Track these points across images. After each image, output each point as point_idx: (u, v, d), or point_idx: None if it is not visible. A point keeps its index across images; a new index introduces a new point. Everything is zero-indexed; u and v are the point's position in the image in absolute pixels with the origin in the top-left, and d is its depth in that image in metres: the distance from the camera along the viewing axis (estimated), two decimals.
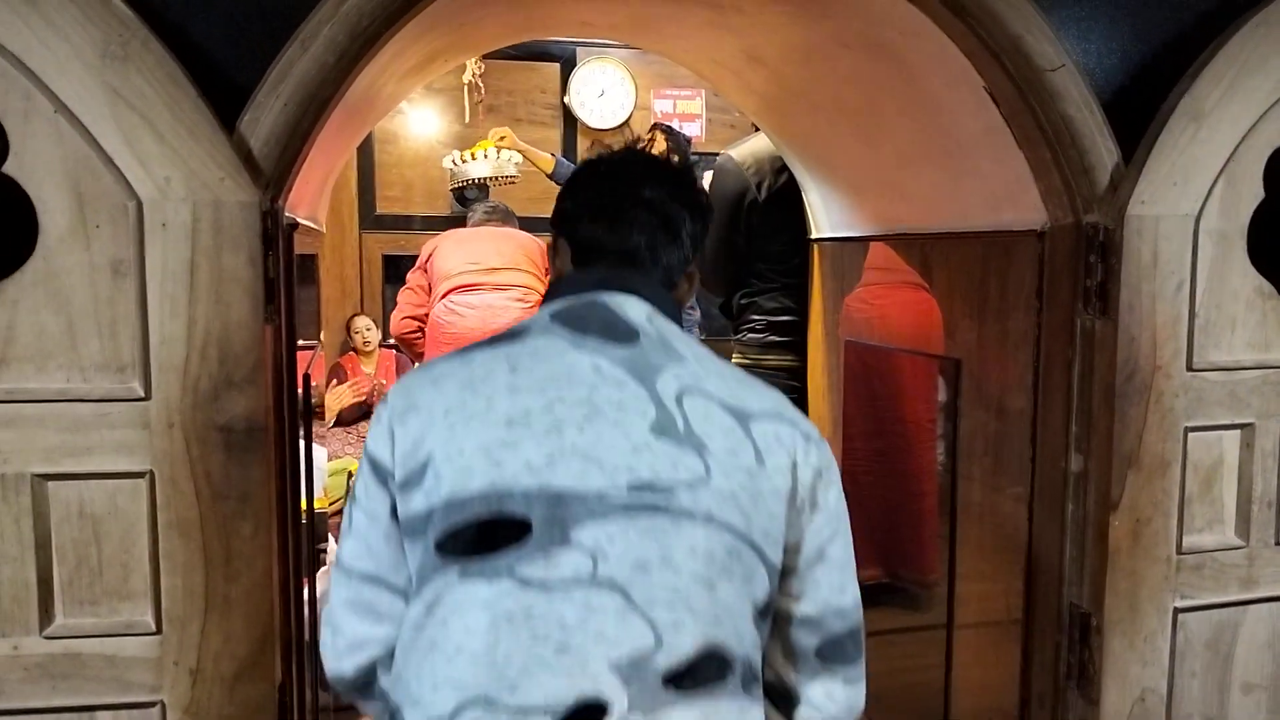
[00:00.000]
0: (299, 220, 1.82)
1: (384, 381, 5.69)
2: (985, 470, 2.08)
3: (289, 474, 1.67)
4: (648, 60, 6.14)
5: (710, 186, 3.05)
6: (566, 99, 6.17)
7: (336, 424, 5.37)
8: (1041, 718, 1.89)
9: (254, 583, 1.52)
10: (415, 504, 1.16)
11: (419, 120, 6.07)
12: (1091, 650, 1.78)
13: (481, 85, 5.84)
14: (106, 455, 1.47)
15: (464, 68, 5.68)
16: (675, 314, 1.30)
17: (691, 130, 6.02)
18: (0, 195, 1.44)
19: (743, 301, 3.05)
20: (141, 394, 1.46)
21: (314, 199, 2.27)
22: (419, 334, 4.40)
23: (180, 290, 1.46)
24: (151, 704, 1.51)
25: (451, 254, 4.27)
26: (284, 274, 1.61)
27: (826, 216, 2.69)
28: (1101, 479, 1.74)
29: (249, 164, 1.48)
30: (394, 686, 1.19)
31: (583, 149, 6.34)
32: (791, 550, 1.22)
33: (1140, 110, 1.74)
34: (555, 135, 6.05)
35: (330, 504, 4.33)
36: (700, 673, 1.12)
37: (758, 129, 3.01)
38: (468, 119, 5.90)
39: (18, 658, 1.47)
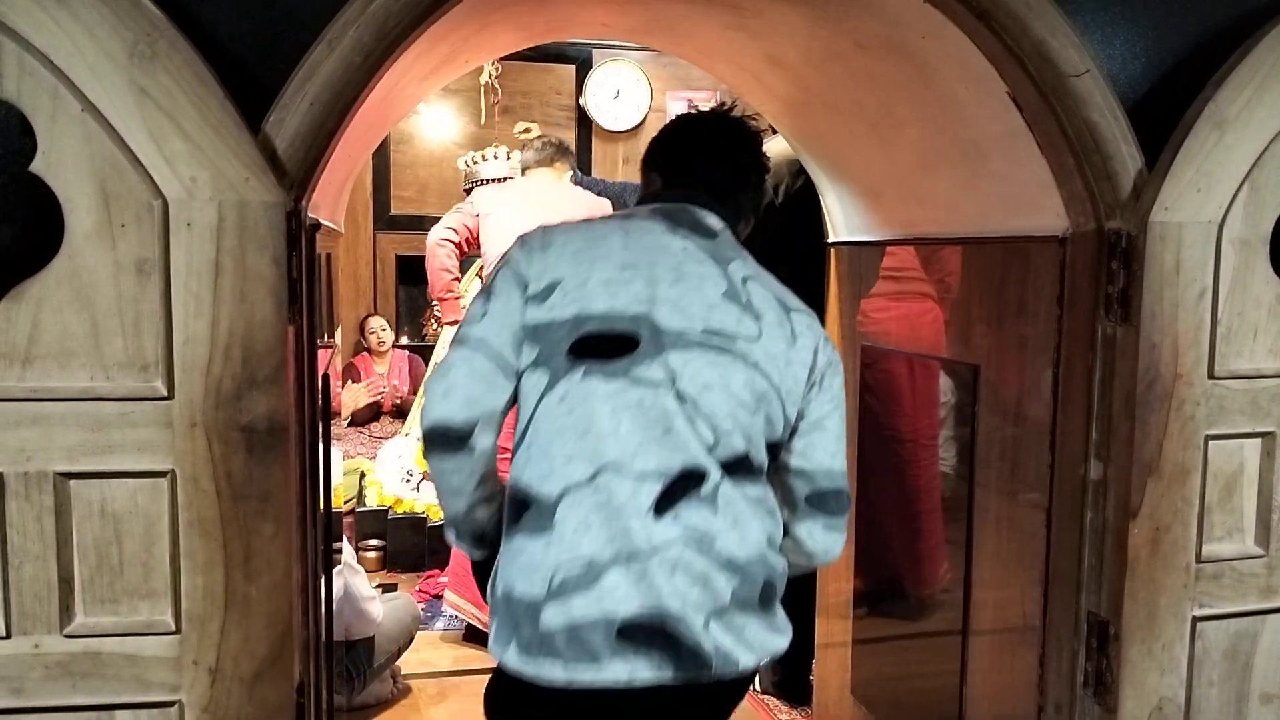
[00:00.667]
0: (321, 221, 1.83)
1: (396, 383, 5.70)
2: (1003, 477, 2.08)
3: (309, 474, 1.67)
4: (663, 62, 6.14)
5: None
6: (582, 100, 6.18)
7: (351, 424, 5.38)
8: None
9: (274, 582, 1.52)
10: (539, 315, 1.49)
11: (434, 121, 6.08)
12: (1109, 658, 1.77)
13: (498, 86, 5.85)
14: (128, 454, 1.47)
15: (481, 69, 5.69)
16: (740, 235, 1.67)
17: None
18: (26, 193, 1.45)
19: None
20: (164, 393, 1.47)
21: (334, 200, 2.27)
22: (457, 282, 4.01)
23: (204, 290, 1.46)
24: (170, 703, 1.51)
25: (509, 227, 3.49)
26: (306, 274, 1.62)
27: (844, 220, 2.68)
28: (1121, 487, 1.74)
29: (274, 164, 1.49)
30: (522, 472, 1.49)
31: (597, 150, 6.35)
32: (800, 415, 1.57)
33: (1164, 116, 1.74)
34: (570, 137, 6.05)
35: (344, 503, 4.34)
36: (742, 467, 1.51)
37: (774, 131, 3.01)
38: (483, 120, 5.91)
39: (39, 656, 1.48)
